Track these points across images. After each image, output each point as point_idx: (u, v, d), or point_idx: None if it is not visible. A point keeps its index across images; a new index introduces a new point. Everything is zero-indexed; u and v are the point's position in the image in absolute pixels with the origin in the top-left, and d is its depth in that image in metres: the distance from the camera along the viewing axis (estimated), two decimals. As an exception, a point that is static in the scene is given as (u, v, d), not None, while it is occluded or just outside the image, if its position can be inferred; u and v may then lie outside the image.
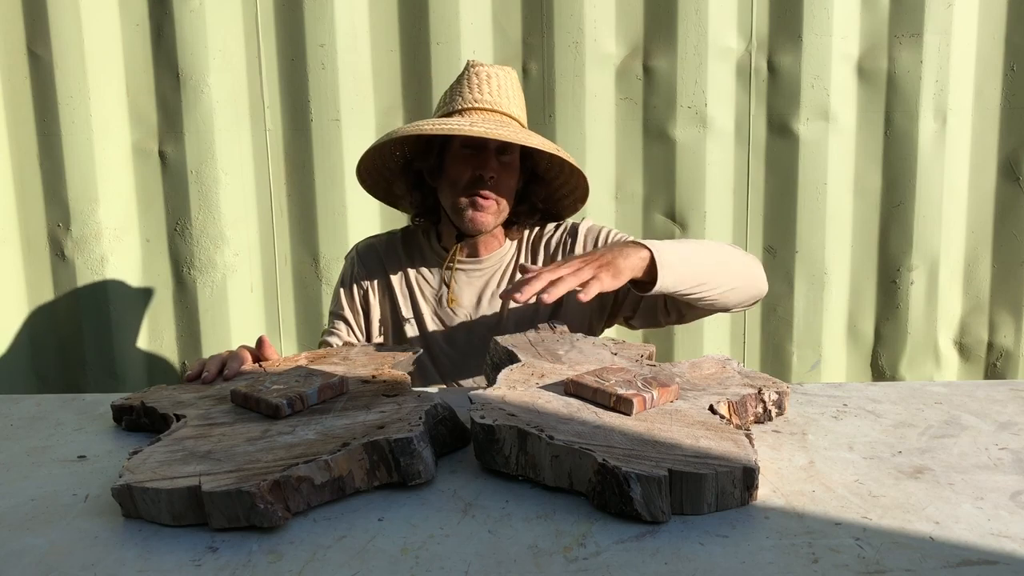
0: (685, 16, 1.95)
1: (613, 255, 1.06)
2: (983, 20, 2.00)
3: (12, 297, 1.98)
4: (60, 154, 1.92)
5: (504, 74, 1.34)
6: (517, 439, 0.78)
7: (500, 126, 1.26)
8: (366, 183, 1.46)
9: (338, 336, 1.44)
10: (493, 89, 1.31)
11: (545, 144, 1.27)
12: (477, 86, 1.31)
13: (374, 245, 1.49)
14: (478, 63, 1.34)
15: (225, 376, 1.04)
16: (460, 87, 1.33)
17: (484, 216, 1.32)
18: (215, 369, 1.05)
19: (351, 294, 1.46)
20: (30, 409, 1.07)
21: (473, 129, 1.22)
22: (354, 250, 1.51)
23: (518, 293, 0.98)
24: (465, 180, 1.31)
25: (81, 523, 0.73)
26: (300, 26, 1.93)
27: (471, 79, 1.32)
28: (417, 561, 0.65)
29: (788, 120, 2.01)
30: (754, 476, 0.73)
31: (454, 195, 1.33)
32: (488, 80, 1.32)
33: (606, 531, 0.69)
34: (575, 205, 1.45)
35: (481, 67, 1.33)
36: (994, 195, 2.07)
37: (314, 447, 0.77)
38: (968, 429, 0.93)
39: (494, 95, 1.31)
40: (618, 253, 1.06)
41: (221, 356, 1.08)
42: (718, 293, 1.17)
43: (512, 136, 1.22)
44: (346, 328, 1.45)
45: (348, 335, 1.45)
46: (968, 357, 2.15)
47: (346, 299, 1.47)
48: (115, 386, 2.02)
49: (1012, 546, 0.66)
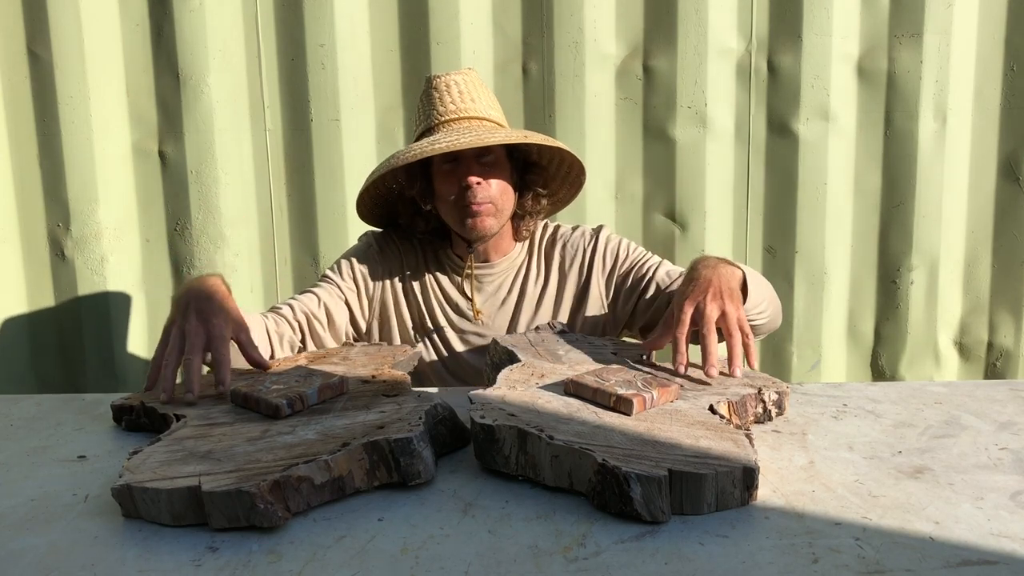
0: (685, 16, 1.95)
1: (724, 281, 1.09)
2: (983, 20, 2.00)
3: (12, 297, 1.98)
4: (60, 154, 1.92)
5: (462, 79, 1.34)
6: (517, 439, 0.78)
7: (467, 132, 1.26)
8: (370, 220, 1.46)
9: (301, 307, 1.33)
10: (455, 97, 1.32)
11: (510, 136, 1.27)
12: (439, 99, 1.32)
13: (393, 239, 1.45)
14: (435, 76, 1.35)
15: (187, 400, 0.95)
16: (425, 105, 1.35)
17: (483, 221, 1.31)
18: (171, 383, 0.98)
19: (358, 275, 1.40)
20: (30, 409, 1.07)
21: (435, 147, 1.23)
22: (371, 235, 1.46)
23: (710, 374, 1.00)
24: (454, 194, 1.31)
25: (81, 523, 0.73)
26: (300, 26, 1.93)
27: (431, 95, 1.34)
28: (417, 561, 0.65)
29: (788, 120, 2.01)
30: (754, 476, 0.73)
31: (448, 211, 1.34)
32: (448, 90, 1.32)
33: (606, 531, 0.69)
34: (577, 180, 1.42)
35: (439, 79, 1.34)
36: (994, 195, 2.07)
37: (314, 447, 0.77)
38: (968, 429, 0.93)
39: (456, 103, 1.31)
40: (727, 276, 1.10)
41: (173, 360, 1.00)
42: (764, 319, 1.24)
43: (473, 141, 1.23)
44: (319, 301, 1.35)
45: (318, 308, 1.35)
46: (968, 357, 2.15)
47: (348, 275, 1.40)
48: (115, 386, 2.02)
49: (1012, 546, 0.66)
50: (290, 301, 1.36)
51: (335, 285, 1.40)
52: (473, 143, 1.23)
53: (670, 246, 2.04)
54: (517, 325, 1.39)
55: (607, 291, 1.40)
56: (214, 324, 1.02)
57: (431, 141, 1.26)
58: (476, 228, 1.32)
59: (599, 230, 1.43)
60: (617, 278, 1.39)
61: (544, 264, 1.43)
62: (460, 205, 1.31)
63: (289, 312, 1.33)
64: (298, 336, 1.34)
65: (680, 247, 2.04)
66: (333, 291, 1.39)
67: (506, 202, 1.35)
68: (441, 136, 1.27)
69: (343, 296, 1.39)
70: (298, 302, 1.36)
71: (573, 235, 1.44)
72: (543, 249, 1.44)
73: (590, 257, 1.40)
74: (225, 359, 1.00)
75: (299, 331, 1.34)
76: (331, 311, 1.37)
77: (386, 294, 1.41)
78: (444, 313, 1.40)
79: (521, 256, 1.43)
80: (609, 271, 1.40)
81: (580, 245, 1.42)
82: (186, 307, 1.04)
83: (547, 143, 1.30)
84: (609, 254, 1.40)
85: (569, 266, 1.41)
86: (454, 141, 1.23)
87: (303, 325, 1.34)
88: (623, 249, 1.41)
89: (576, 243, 1.42)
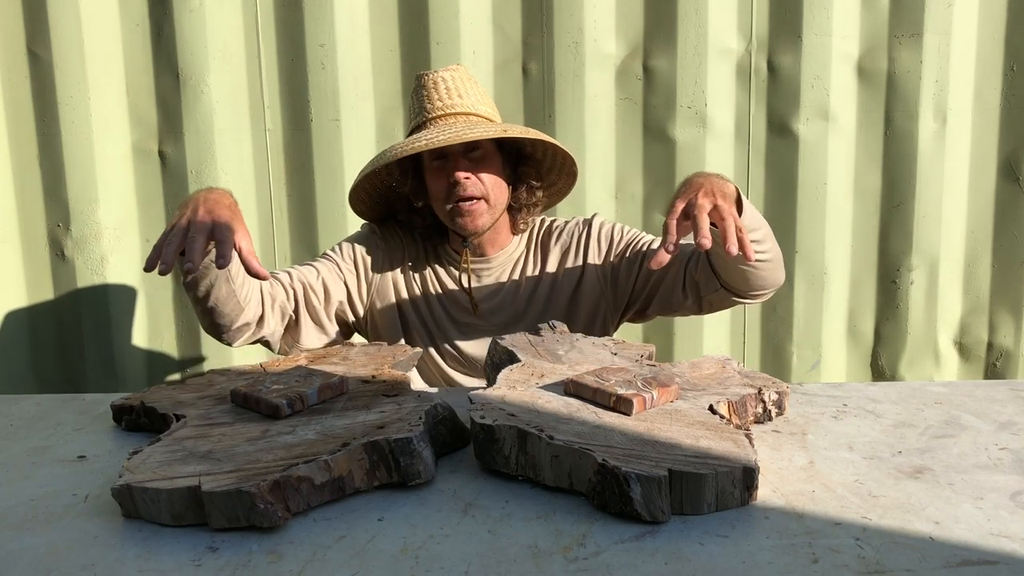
0: (685, 16, 1.95)
1: (717, 186, 1.04)
2: (983, 20, 2.00)
3: (12, 297, 1.97)
4: (60, 154, 1.92)
5: (451, 75, 1.35)
6: (517, 439, 0.78)
7: (453, 127, 1.27)
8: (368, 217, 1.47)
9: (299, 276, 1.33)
10: (442, 94, 1.32)
11: (488, 131, 1.27)
12: (427, 96, 1.33)
13: (396, 232, 1.45)
14: (424, 73, 1.36)
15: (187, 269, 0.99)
16: (415, 103, 1.36)
17: (474, 219, 1.32)
18: (172, 257, 0.98)
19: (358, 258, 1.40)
20: (30, 409, 1.07)
21: (415, 145, 1.24)
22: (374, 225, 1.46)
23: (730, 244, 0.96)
24: (444, 190, 1.32)
25: (81, 523, 0.73)
26: (300, 26, 1.93)
27: (420, 92, 1.35)
28: (417, 561, 0.65)
29: (788, 120, 2.01)
30: (754, 476, 0.73)
31: (440, 207, 1.34)
32: (435, 87, 1.33)
33: (606, 531, 0.69)
34: (571, 171, 1.42)
35: (427, 76, 1.35)
36: (994, 195, 2.07)
37: (314, 447, 0.77)
38: (968, 429, 0.93)
39: (444, 99, 1.32)
40: (720, 184, 1.06)
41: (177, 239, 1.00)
42: (764, 258, 1.18)
43: (450, 138, 1.23)
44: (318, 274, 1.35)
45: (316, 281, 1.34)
46: (968, 357, 2.15)
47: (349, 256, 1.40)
48: (115, 386, 2.02)
49: (1012, 546, 0.66)
50: (288, 269, 1.36)
51: (335, 264, 1.39)
52: (450, 140, 1.23)
53: (670, 246, 2.04)
54: (516, 317, 1.39)
55: (604, 274, 1.40)
56: (220, 215, 1.03)
57: (415, 138, 1.27)
58: (467, 226, 1.33)
59: (592, 218, 1.44)
60: (614, 258, 1.40)
61: (540, 255, 1.43)
62: (450, 202, 1.31)
63: (286, 278, 1.33)
64: (291, 304, 1.32)
65: (680, 247, 2.04)
66: (333, 268, 1.39)
67: (499, 196, 1.35)
68: (425, 133, 1.28)
69: (342, 276, 1.39)
70: (296, 271, 1.35)
71: (567, 225, 1.45)
72: (539, 241, 1.45)
73: (585, 244, 1.41)
74: (229, 240, 1.00)
75: (293, 299, 1.32)
76: (328, 286, 1.36)
77: (385, 282, 1.42)
78: (443, 306, 1.41)
79: (519, 249, 1.44)
80: (605, 254, 1.40)
81: (574, 233, 1.43)
82: (194, 203, 1.05)
83: (528, 135, 1.30)
84: (604, 238, 1.41)
85: (564, 254, 1.42)
86: (434, 138, 1.24)
87: (298, 294, 1.33)
88: (616, 232, 1.41)
89: (570, 232, 1.43)
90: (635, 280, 1.38)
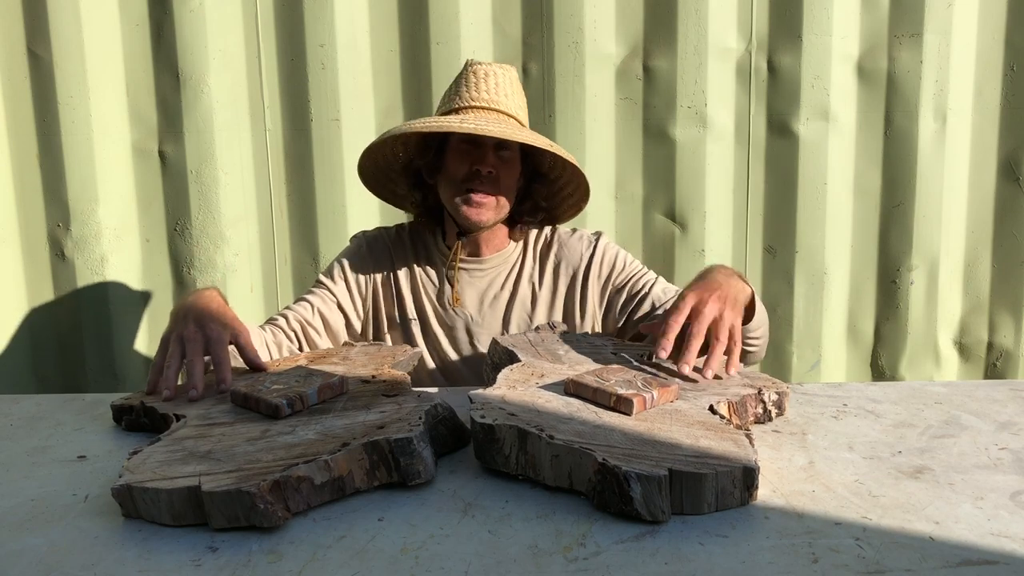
0: (685, 16, 1.95)
1: (732, 291, 1.09)
2: (983, 20, 2.00)
3: (12, 297, 1.97)
4: (60, 154, 1.92)
5: (503, 72, 1.34)
6: (517, 439, 0.78)
7: (495, 123, 1.26)
8: (369, 183, 1.46)
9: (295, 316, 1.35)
10: (491, 87, 1.31)
11: (538, 140, 1.27)
12: (475, 84, 1.32)
13: (383, 237, 1.47)
14: (476, 62, 1.34)
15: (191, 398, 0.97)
16: (458, 86, 1.34)
17: (481, 211, 1.32)
18: (175, 382, 1.01)
19: (349, 276, 1.42)
20: (30, 409, 1.07)
21: (464, 125, 1.23)
22: (362, 236, 1.48)
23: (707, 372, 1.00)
24: (462, 174, 1.31)
25: (81, 523, 0.73)
26: (300, 26, 1.93)
27: (468, 78, 1.33)
28: (417, 561, 0.65)
29: (788, 120, 2.01)
30: (754, 476, 0.73)
31: (452, 190, 1.33)
32: (486, 79, 1.32)
33: (606, 531, 0.69)
34: (578, 205, 1.44)
35: (479, 66, 1.34)
36: (994, 195, 2.07)
37: (314, 447, 0.77)
38: (968, 429, 0.93)
39: (491, 93, 1.31)
40: (737, 289, 1.11)
41: (175, 362, 1.02)
42: (756, 346, 1.25)
43: (503, 132, 1.23)
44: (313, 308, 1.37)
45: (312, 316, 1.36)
46: (968, 357, 2.15)
47: (340, 277, 1.42)
48: (115, 386, 2.02)
49: (1012, 546, 0.66)
50: (284, 312, 1.39)
51: (327, 290, 1.41)
52: (504, 134, 1.23)
53: (670, 246, 2.04)
54: (509, 324, 1.39)
55: (600, 300, 1.41)
56: (211, 328, 1.04)
57: (463, 119, 1.26)
58: (471, 217, 1.32)
59: (598, 236, 1.44)
60: (612, 289, 1.40)
61: (539, 265, 1.43)
62: (464, 187, 1.31)
63: (284, 323, 1.36)
64: (295, 345, 1.36)
65: (680, 247, 2.04)
66: (326, 296, 1.40)
67: (509, 200, 1.36)
68: (475, 117, 1.28)
69: (336, 300, 1.41)
70: (292, 312, 1.38)
71: (571, 239, 1.44)
72: (539, 250, 1.44)
73: (587, 262, 1.40)
74: (224, 360, 1.02)
75: (295, 339, 1.35)
76: (326, 317, 1.38)
77: (376, 289, 1.43)
78: (430, 300, 1.41)
79: (516, 255, 1.44)
80: (604, 280, 1.40)
81: (577, 249, 1.42)
82: (184, 316, 1.07)
83: (569, 159, 1.30)
84: (606, 263, 1.41)
85: (564, 268, 1.41)
86: (483, 127, 1.23)
87: (299, 334, 1.36)
88: (620, 260, 1.41)
89: (573, 247, 1.43)
90: (625, 320, 1.39)
